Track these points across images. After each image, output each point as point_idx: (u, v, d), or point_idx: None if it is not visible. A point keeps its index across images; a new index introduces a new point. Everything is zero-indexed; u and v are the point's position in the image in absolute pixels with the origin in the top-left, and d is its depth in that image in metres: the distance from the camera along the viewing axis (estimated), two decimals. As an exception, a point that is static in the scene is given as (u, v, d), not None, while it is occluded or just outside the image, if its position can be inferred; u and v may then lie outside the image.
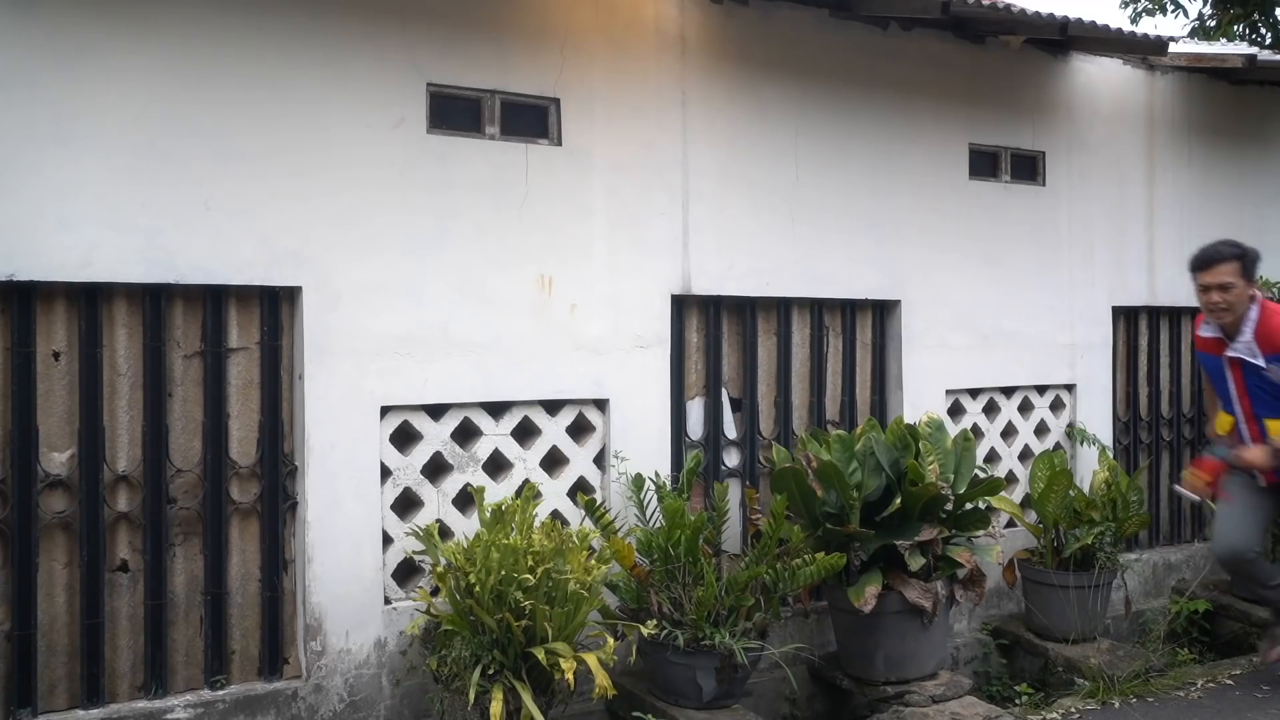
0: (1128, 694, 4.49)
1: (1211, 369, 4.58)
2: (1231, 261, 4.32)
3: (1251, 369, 4.34)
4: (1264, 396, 4.35)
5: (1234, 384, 4.42)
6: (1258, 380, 4.34)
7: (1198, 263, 4.43)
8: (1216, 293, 4.34)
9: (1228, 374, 4.44)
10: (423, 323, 3.82)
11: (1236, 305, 4.32)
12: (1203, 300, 4.42)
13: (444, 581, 3.56)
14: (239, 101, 3.52)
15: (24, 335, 3.32)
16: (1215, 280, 4.33)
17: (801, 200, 4.69)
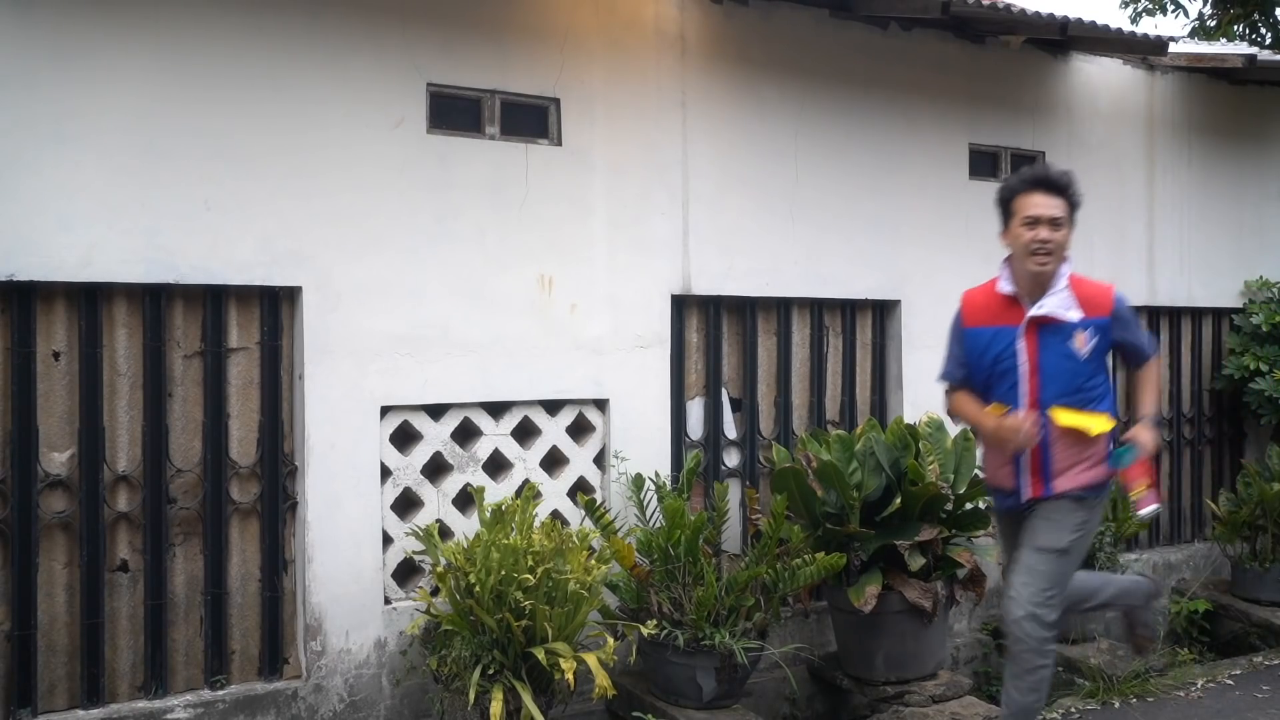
0: (1127, 694, 4.49)
1: (986, 348, 3.48)
2: (1069, 195, 3.42)
3: (1054, 336, 3.38)
4: (1059, 375, 3.38)
5: (1024, 360, 3.40)
6: (1059, 352, 3.38)
7: (1033, 182, 3.41)
8: (1048, 228, 3.35)
9: (1018, 347, 3.41)
10: (423, 323, 3.82)
11: (1059, 254, 3.38)
12: (1023, 239, 3.36)
13: (444, 581, 3.56)
14: (239, 102, 3.52)
15: (24, 335, 3.32)
16: (1050, 212, 3.36)
17: (801, 200, 4.69)
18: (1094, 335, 3.40)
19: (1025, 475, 3.44)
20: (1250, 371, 5.92)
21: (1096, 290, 3.47)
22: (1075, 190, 3.43)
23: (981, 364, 3.52)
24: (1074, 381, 3.39)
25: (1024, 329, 3.42)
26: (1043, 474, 3.41)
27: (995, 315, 3.50)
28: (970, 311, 3.60)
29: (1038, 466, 3.41)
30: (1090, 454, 3.39)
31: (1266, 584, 5.55)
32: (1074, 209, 3.44)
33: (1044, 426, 3.36)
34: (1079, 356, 3.39)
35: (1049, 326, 3.39)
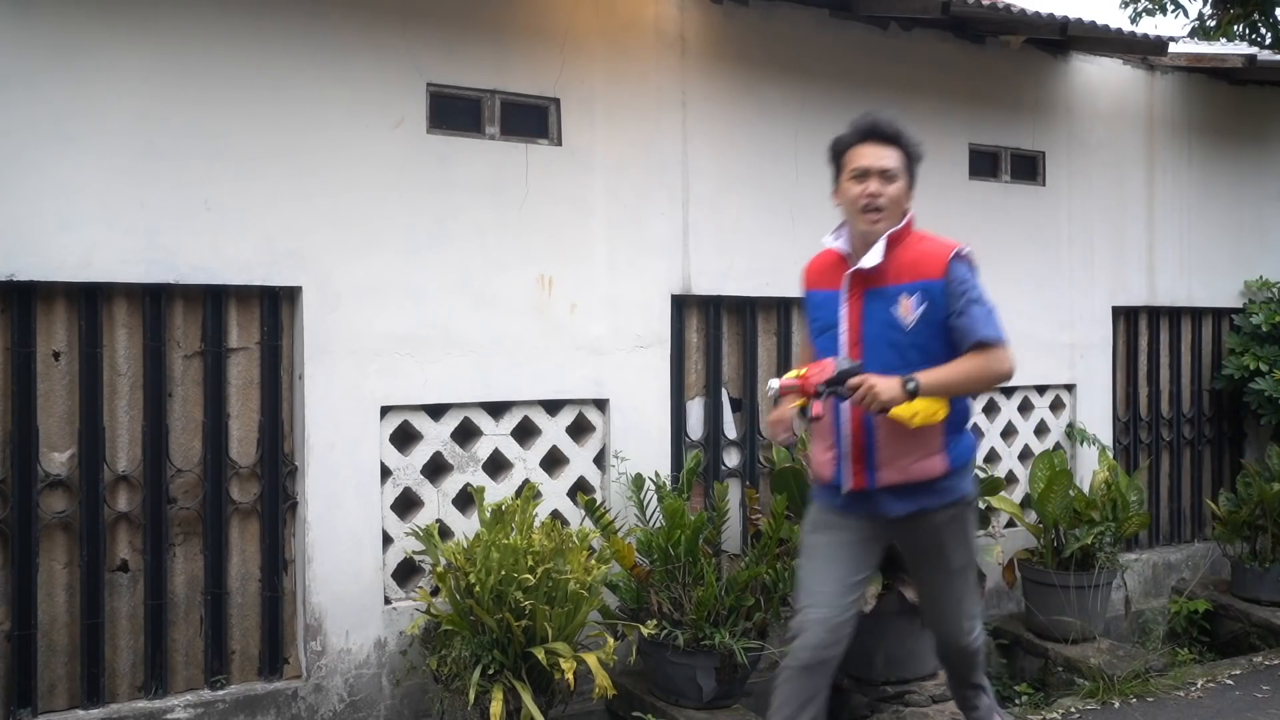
0: (1128, 694, 4.49)
1: (822, 311, 3.09)
2: (902, 144, 3.02)
3: (879, 301, 2.95)
4: (881, 348, 2.92)
5: (847, 327, 2.97)
6: (883, 320, 2.93)
7: (862, 133, 3.02)
8: (879, 180, 2.95)
9: (842, 311, 2.99)
10: (423, 323, 3.82)
11: (894, 210, 2.97)
12: (852, 193, 2.99)
13: (444, 581, 3.56)
14: (239, 102, 3.52)
15: (24, 335, 3.32)
16: (881, 163, 2.96)
17: (801, 200, 4.69)
18: (922, 302, 2.90)
19: (845, 463, 2.97)
20: (1250, 371, 5.92)
21: (932, 248, 2.96)
22: (908, 139, 3.01)
23: (815, 331, 3.10)
24: (897, 356, 2.89)
25: (846, 291, 2.98)
26: (865, 462, 2.95)
27: (829, 277, 3.07)
28: (811, 272, 3.18)
29: (859, 453, 2.95)
30: (924, 443, 2.93)
31: (1266, 584, 5.55)
32: (911, 160, 3.02)
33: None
34: (903, 326, 2.90)
35: (875, 291, 2.95)
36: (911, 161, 3.03)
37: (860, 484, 2.96)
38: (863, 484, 2.95)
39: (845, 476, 2.98)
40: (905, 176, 3.01)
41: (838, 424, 3.00)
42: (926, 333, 2.90)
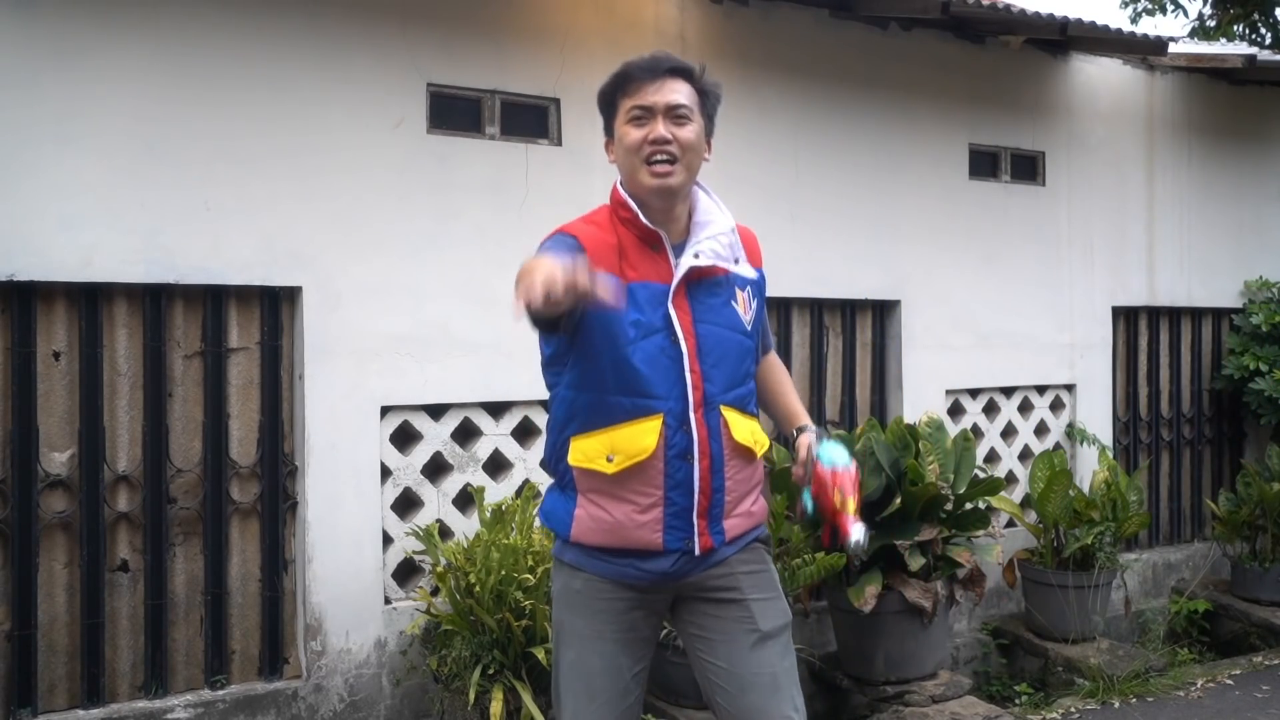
0: (1127, 694, 4.49)
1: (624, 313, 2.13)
2: (687, 80, 2.22)
3: (713, 296, 2.22)
4: (723, 354, 2.21)
5: (682, 334, 2.16)
6: (720, 320, 2.22)
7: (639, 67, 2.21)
8: (667, 123, 2.17)
9: (670, 314, 2.17)
10: (423, 323, 3.82)
11: (693, 162, 2.21)
12: (631, 139, 2.19)
13: (444, 581, 3.56)
14: (239, 102, 3.52)
15: (24, 335, 3.32)
16: (669, 98, 2.18)
17: (801, 200, 4.69)
18: (755, 295, 2.30)
19: (690, 517, 2.17)
20: (1250, 371, 5.92)
21: (747, 230, 2.36)
22: (703, 76, 2.25)
23: (612, 336, 2.13)
24: (740, 367, 2.25)
25: (675, 287, 2.19)
26: (712, 513, 2.19)
27: (629, 264, 2.20)
28: (595, 250, 2.20)
29: (708, 501, 2.18)
30: (758, 479, 2.32)
31: (1266, 584, 5.55)
32: (708, 100, 2.25)
33: (715, 438, 2.17)
34: (744, 326, 2.25)
35: (703, 283, 2.21)
36: (708, 101, 2.25)
37: (707, 544, 2.19)
38: (709, 544, 2.20)
39: (691, 541, 2.18)
40: (702, 119, 2.23)
41: (671, 466, 2.14)
42: (755, 333, 2.30)
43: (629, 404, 2.14)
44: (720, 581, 2.24)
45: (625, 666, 2.25)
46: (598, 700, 2.23)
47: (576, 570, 2.25)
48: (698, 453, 2.15)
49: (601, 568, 2.22)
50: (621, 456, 2.14)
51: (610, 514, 2.18)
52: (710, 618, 2.26)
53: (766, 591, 2.27)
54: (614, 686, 2.24)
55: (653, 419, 2.14)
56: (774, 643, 2.24)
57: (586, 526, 2.21)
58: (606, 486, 2.18)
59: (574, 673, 2.26)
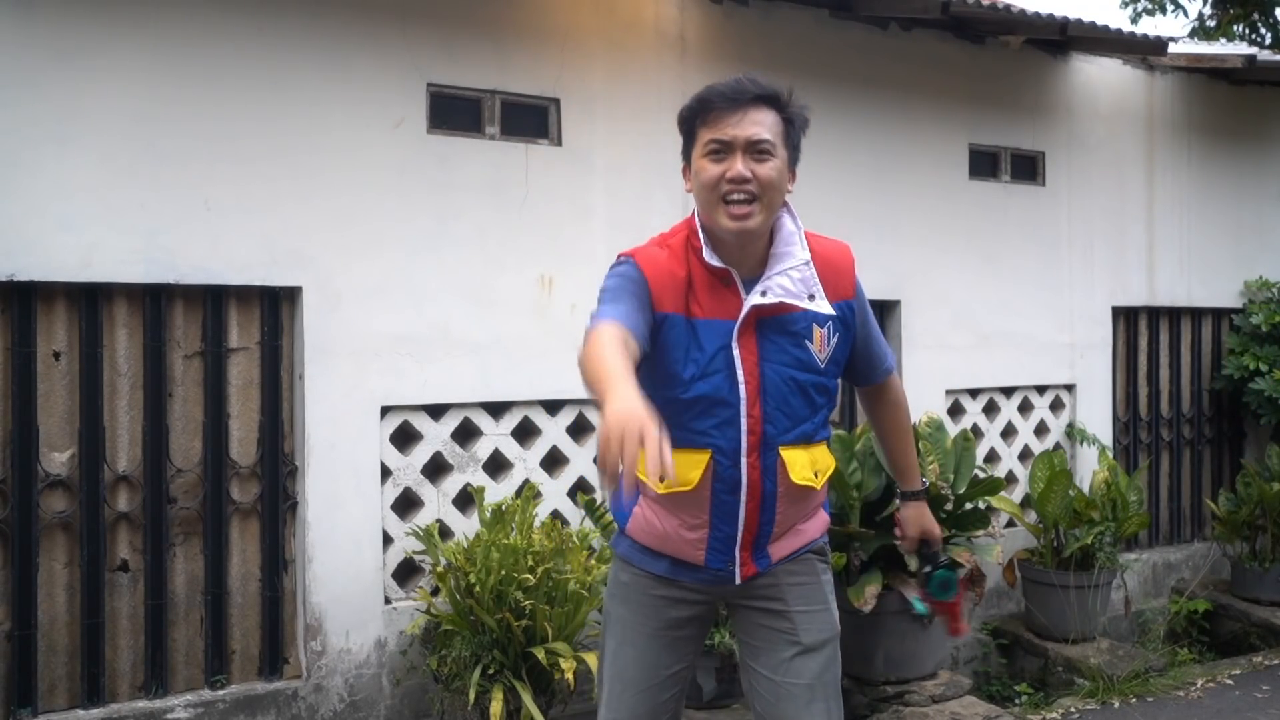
0: (1127, 694, 4.49)
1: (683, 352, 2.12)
2: (772, 108, 2.10)
3: (783, 336, 2.13)
4: (788, 395, 2.14)
5: (743, 376, 2.09)
6: (789, 358, 2.13)
7: (721, 94, 2.08)
8: (746, 160, 2.06)
9: (734, 355, 2.10)
10: (423, 323, 3.82)
11: (774, 201, 2.09)
12: (709, 175, 2.07)
13: (444, 581, 3.56)
14: (239, 102, 3.52)
15: (24, 335, 3.32)
16: (749, 132, 2.06)
17: (801, 200, 4.64)
18: (836, 330, 2.17)
19: (734, 548, 2.17)
20: (1250, 371, 5.92)
21: (832, 257, 2.21)
22: (787, 98, 2.11)
23: (673, 374, 2.11)
24: (805, 404, 2.15)
25: (740, 326, 2.10)
26: (757, 544, 2.19)
27: (697, 300, 2.12)
28: (661, 285, 2.11)
29: (752, 536, 2.17)
30: (815, 503, 2.30)
31: (1266, 584, 5.56)
32: (793, 129, 2.13)
33: (769, 477, 2.13)
34: (817, 365, 2.15)
35: (774, 321, 2.12)
36: (794, 130, 2.13)
37: (751, 573, 2.20)
38: (754, 572, 2.21)
39: (733, 566, 2.19)
40: (785, 150, 2.11)
41: (718, 499, 2.13)
42: (833, 369, 2.20)
43: (681, 435, 2.06)
44: (766, 591, 2.24)
45: (663, 663, 2.26)
46: (630, 691, 2.25)
47: (626, 563, 2.29)
48: (746, 494, 2.13)
49: (649, 564, 2.25)
50: (670, 480, 1.99)
51: (661, 524, 2.20)
52: (755, 626, 2.26)
53: (812, 604, 2.24)
54: (648, 680, 2.25)
55: (701, 453, 2.11)
56: (815, 655, 2.21)
57: (640, 526, 2.24)
58: (660, 500, 2.19)
59: (613, 661, 2.29)
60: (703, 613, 2.29)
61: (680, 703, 2.34)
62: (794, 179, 2.16)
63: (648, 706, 2.26)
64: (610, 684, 2.29)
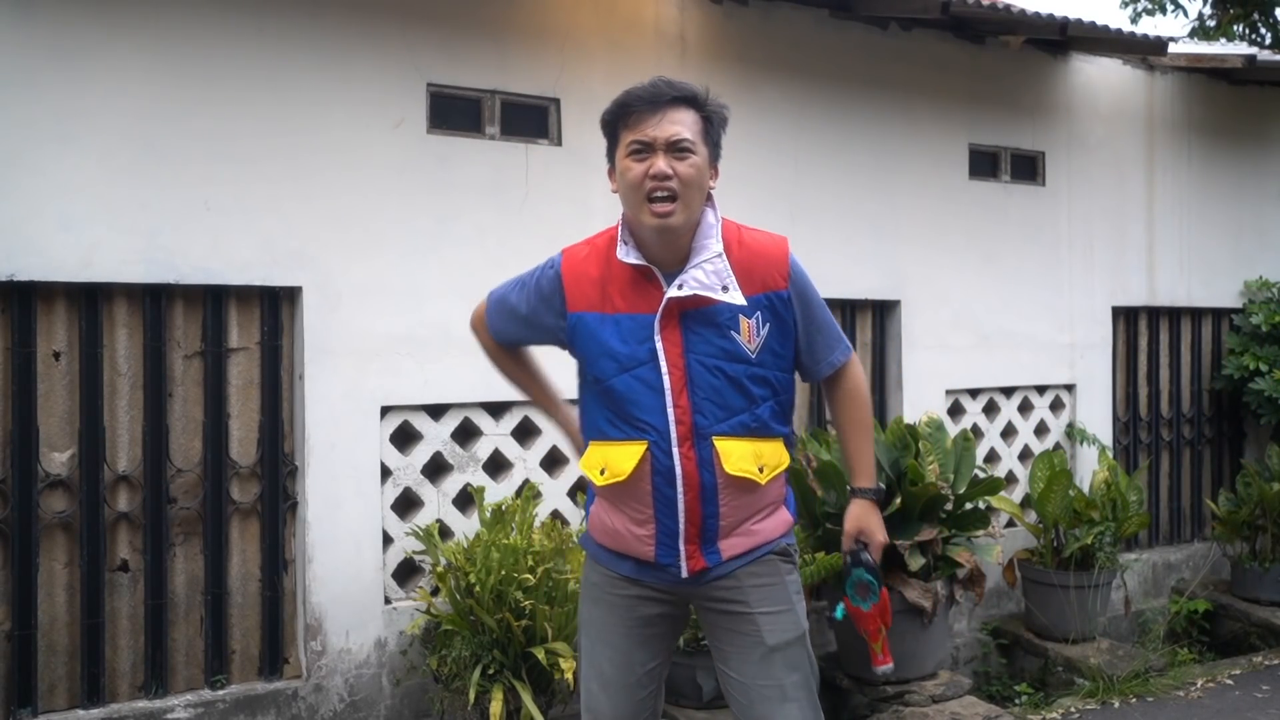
0: (1127, 694, 4.49)
1: (602, 346, 2.24)
2: (690, 107, 2.18)
3: (708, 328, 2.19)
4: (719, 388, 2.19)
5: (667, 367, 2.17)
6: (716, 349, 2.19)
7: (639, 96, 2.17)
8: (668, 158, 2.14)
9: (657, 347, 2.18)
10: (423, 323, 3.82)
11: (694, 198, 2.17)
12: (632, 175, 2.16)
13: (444, 581, 3.56)
14: (239, 102, 3.52)
15: (24, 335, 3.32)
16: (667, 134, 2.14)
17: (801, 200, 4.69)
18: (766, 320, 2.21)
19: (679, 541, 2.20)
20: (1250, 371, 5.92)
21: (762, 248, 2.25)
22: (708, 100, 2.20)
23: (596, 369, 2.23)
24: (738, 394, 2.19)
25: (660, 318, 2.18)
26: (703, 536, 2.20)
27: (616, 295, 2.22)
28: (577, 284, 2.27)
29: (697, 529, 2.19)
30: (771, 498, 2.27)
31: (1266, 584, 5.55)
32: (712, 126, 2.21)
33: (705, 468, 2.17)
34: (746, 354, 2.19)
35: (697, 313, 2.18)
36: (713, 127, 2.21)
37: (699, 566, 2.21)
38: (702, 565, 2.21)
39: (678, 560, 2.20)
40: (706, 148, 2.19)
41: (658, 491, 2.18)
42: (771, 360, 2.22)
43: (618, 428, 2.22)
44: (728, 594, 2.25)
45: (637, 660, 2.30)
46: (609, 690, 2.31)
47: (595, 563, 2.36)
48: (682, 484, 2.17)
49: (614, 565, 2.30)
50: (609, 473, 2.22)
51: (612, 521, 2.27)
52: (721, 629, 2.28)
53: (775, 605, 2.25)
54: (624, 678, 2.31)
55: (637, 444, 2.19)
56: (780, 655, 2.23)
57: (596, 524, 2.32)
58: (608, 495, 2.26)
59: (589, 661, 2.35)
60: (671, 611, 2.32)
61: (658, 699, 2.37)
62: (716, 175, 2.25)
63: (627, 704, 2.31)
64: (588, 683, 2.35)
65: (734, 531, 2.22)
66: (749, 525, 2.24)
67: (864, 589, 2.36)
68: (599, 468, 2.24)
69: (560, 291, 2.30)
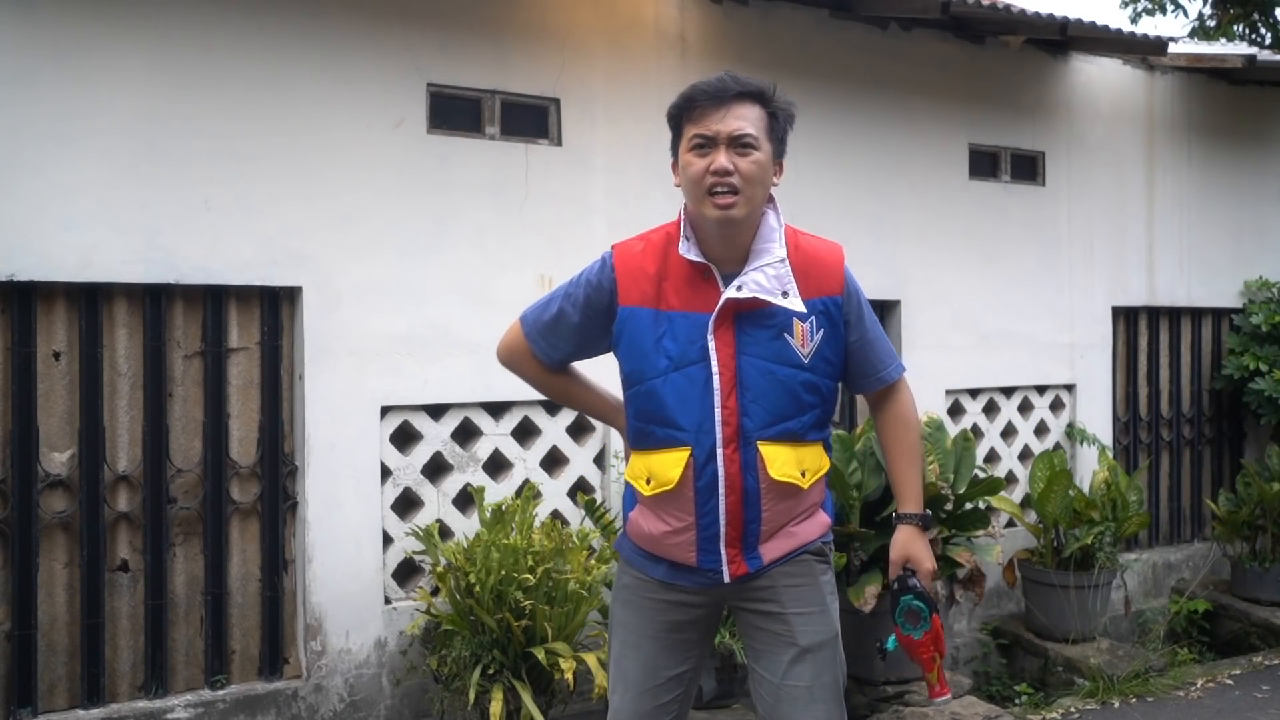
0: (1127, 694, 4.49)
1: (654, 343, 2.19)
2: (756, 103, 2.15)
3: (761, 330, 2.16)
4: (768, 391, 2.16)
5: (718, 367, 2.14)
6: (769, 352, 2.16)
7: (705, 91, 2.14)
8: (729, 153, 2.11)
9: (709, 347, 2.15)
10: (423, 323, 3.82)
11: (756, 193, 2.14)
12: (694, 170, 2.13)
13: (444, 581, 3.56)
14: (239, 102, 3.52)
15: (24, 335, 3.32)
16: (731, 126, 2.11)
17: (801, 200, 4.68)
18: (820, 326, 2.20)
19: (720, 545, 2.17)
20: (1250, 371, 5.92)
21: (819, 254, 2.24)
22: (772, 93, 2.17)
23: (644, 367, 2.19)
24: (790, 400, 2.16)
25: (715, 318, 2.15)
26: (745, 541, 2.18)
27: (672, 292, 2.19)
28: (631, 279, 2.24)
29: (738, 533, 2.17)
30: (811, 502, 2.25)
31: (1266, 584, 5.55)
32: (778, 122, 2.17)
33: (749, 472, 2.15)
34: (799, 360, 2.17)
35: (752, 315, 2.16)
36: (778, 124, 2.18)
37: (741, 571, 2.19)
38: (744, 570, 2.19)
39: (720, 564, 2.18)
40: (770, 144, 2.16)
41: (701, 496, 2.16)
42: (823, 367, 2.20)
43: (661, 433, 2.18)
44: (763, 594, 2.23)
45: (663, 665, 2.28)
46: (632, 692, 2.27)
47: (628, 566, 2.32)
48: (724, 488, 2.14)
49: (649, 569, 2.27)
50: (656, 482, 2.19)
51: (650, 527, 2.23)
52: (754, 629, 2.27)
53: (808, 606, 2.22)
54: (649, 682, 2.27)
55: (681, 450, 2.16)
56: (812, 657, 2.21)
57: (636, 529, 2.28)
58: (648, 502, 2.23)
59: (617, 663, 2.32)
60: (704, 616, 2.29)
61: (685, 705, 2.33)
62: (780, 172, 2.21)
63: (650, 708, 2.27)
64: (614, 685, 2.32)
65: (774, 535, 2.20)
66: (789, 528, 2.22)
67: (914, 616, 2.28)
68: (644, 477, 2.21)
69: (614, 285, 2.25)
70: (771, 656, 2.23)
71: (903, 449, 2.33)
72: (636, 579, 2.29)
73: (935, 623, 2.28)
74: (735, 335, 2.15)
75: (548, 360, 2.37)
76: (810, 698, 2.20)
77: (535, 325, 2.37)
